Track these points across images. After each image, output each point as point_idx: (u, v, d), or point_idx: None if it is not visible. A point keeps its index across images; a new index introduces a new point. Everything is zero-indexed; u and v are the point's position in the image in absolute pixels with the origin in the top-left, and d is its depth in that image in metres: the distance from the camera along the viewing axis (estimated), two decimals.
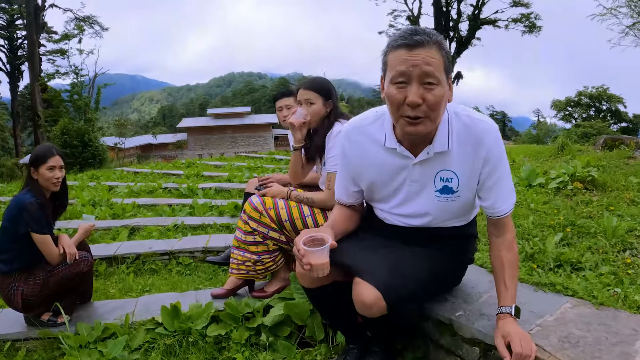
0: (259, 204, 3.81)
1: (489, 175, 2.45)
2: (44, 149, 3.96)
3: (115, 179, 14.53)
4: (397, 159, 2.52)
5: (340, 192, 2.90)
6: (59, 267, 3.80)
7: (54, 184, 3.89)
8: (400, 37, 2.18)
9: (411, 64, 2.15)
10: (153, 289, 4.90)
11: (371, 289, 2.36)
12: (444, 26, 43.60)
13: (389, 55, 2.23)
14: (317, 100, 3.84)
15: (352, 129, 2.67)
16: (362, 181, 2.73)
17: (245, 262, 3.89)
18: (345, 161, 2.75)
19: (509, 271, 2.49)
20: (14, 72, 49.36)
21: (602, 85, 62.56)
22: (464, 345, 2.70)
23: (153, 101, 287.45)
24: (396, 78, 2.20)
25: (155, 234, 6.89)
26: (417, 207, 2.62)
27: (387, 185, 2.63)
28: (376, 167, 2.60)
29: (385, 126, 2.52)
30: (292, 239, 3.86)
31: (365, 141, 2.61)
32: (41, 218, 3.74)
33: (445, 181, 2.49)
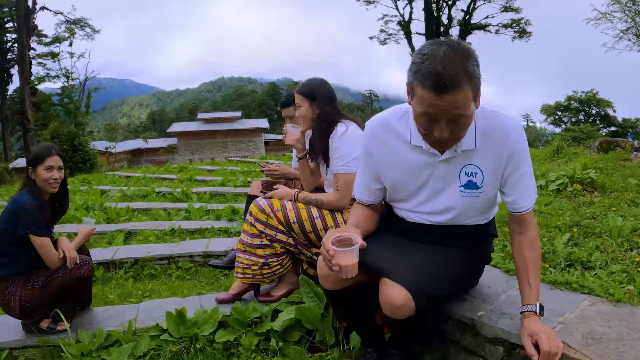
0: (267, 205, 3.73)
1: (513, 170, 2.44)
2: (42, 148, 3.83)
3: (107, 183, 14.39)
4: (423, 156, 2.48)
5: (361, 190, 2.84)
6: (58, 271, 3.66)
7: (51, 185, 3.75)
8: (428, 77, 2.04)
9: (439, 109, 2.08)
10: (153, 295, 4.78)
11: (401, 289, 2.31)
12: (435, 31, 43.65)
13: (415, 86, 2.12)
14: (303, 103, 3.85)
15: (378, 125, 2.62)
16: (386, 179, 2.68)
17: (252, 266, 3.80)
18: (369, 158, 2.70)
19: (532, 269, 2.46)
20: (3, 75, 49.05)
21: (591, 90, 62.90)
22: (487, 345, 2.68)
23: (143, 106, 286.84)
24: (423, 115, 2.16)
25: (152, 238, 6.76)
26: (441, 203, 2.59)
27: (412, 183, 2.59)
28: (401, 164, 2.56)
29: (411, 123, 2.46)
30: (300, 242, 3.81)
31: (391, 138, 2.56)
32: (40, 220, 3.61)
33: (470, 176, 2.48)
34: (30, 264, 3.67)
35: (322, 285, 2.69)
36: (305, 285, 3.63)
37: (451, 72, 2.00)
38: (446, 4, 44.33)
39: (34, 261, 3.66)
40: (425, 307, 2.36)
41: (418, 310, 2.34)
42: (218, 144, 61.19)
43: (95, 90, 31.23)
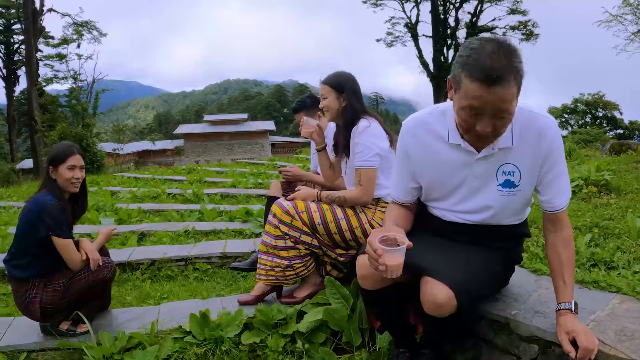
0: (291, 207, 3.69)
1: (549, 169, 2.45)
2: (63, 147, 3.77)
3: (116, 184, 14.34)
4: (461, 154, 2.47)
5: (398, 190, 2.83)
6: (80, 273, 3.61)
7: (73, 185, 3.69)
8: (476, 69, 2.04)
9: (485, 101, 2.08)
10: (171, 296, 4.73)
11: (444, 287, 2.32)
12: (442, 34, 43.62)
13: (463, 78, 2.11)
14: (329, 95, 3.80)
15: (415, 125, 2.61)
16: (423, 178, 2.68)
17: (275, 268, 3.75)
18: (406, 158, 2.69)
19: (567, 268, 2.48)
20: (10, 77, 49.14)
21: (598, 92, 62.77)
22: (522, 344, 2.68)
23: (148, 108, 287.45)
24: (468, 109, 2.15)
25: (166, 239, 6.71)
26: (478, 202, 2.60)
27: (449, 182, 2.59)
28: (439, 163, 2.55)
29: (448, 122, 2.47)
30: (324, 243, 3.78)
31: (429, 137, 2.55)
32: (63, 221, 3.55)
33: (508, 175, 2.49)
34: (52, 266, 3.61)
35: (361, 285, 2.69)
36: (331, 287, 3.60)
37: (500, 66, 2.01)
38: (453, 6, 44.24)
39: (55, 263, 3.61)
40: (467, 305, 2.38)
41: (459, 309, 2.36)
42: (224, 145, 61.23)
43: (103, 92, 31.21)
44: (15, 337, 3.72)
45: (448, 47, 44.10)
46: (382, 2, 44.48)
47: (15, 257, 3.59)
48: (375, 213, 3.75)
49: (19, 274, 3.56)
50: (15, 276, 3.58)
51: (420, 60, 44.10)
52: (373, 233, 2.37)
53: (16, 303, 3.64)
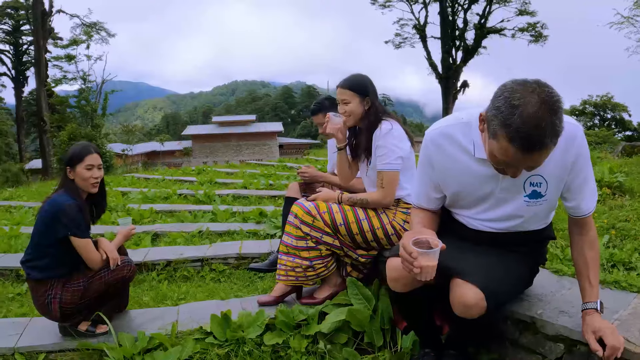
0: (313, 207, 3.69)
1: (575, 176, 2.45)
2: (80, 146, 3.72)
3: (126, 185, 14.33)
4: (487, 168, 2.44)
5: (420, 198, 2.83)
6: (100, 272, 3.59)
7: (92, 185, 3.66)
8: (517, 136, 1.97)
9: (520, 162, 2.09)
10: (189, 297, 4.70)
11: (474, 289, 2.36)
12: (450, 35, 43.53)
13: (500, 136, 2.04)
14: (352, 99, 3.74)
15: (440, 136, 2.58)
16: (448, 189, 2.67)
17: (296, 268, 3.74)
18: (429, 168, 2.68)
19: (592, 268, 2.52)
20: (18, 78, 49.41)
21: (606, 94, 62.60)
22: (547, 343, 2.71)
23: (156, 109, 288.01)
24: (502, 162, 2.15)
25: (180, 240, 6.70)
26: (504, 212, 2.59)
27: (475, 193, 2.59)
28: (464, 175, 2.54)
29: (474, 135, 2.45)
30: (345, 244, 3.77)
31: (454, 149, 2.53)
32: (81, 221, 3.52)
33: (535, 186, 2.48)
34: (70, 266, 3.59)
35: (392, 288, 2.70)
36: (353, 287, 3.61)
37: (542, 135, 1.96)
38: (461, 7, 44.13)
39: (74, 263, 3.58)
40: (495, 307, 2.42)
41: (487, 311, 2.39)
42: (232, 147, 61.22)
43: (112, 93, 31.30)
44: (33, 338, 3.69)
45: (456, 49, 44.01)
46: (390, 3, 44.44)
47: (33, 258, 3.57)
48: (397, 214, 3.75)
49: (37, 274, 3.53)
50: (34, 277, 3.55)
51: (429, 61, 44.04)
52: (406, 236, 2.38)
53: (35, 304, 3.62)
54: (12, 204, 11.32)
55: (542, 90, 1.99)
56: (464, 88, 44.34)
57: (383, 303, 3.58)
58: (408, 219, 3.74)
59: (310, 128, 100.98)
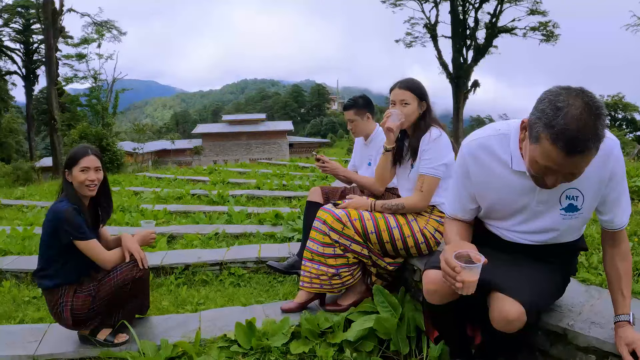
0: (344, 215, 3.62)
1: (611, 190, 2.42)
2: (77, 148, 3.66)
3: (138, 185, 14.33)
4: (525, 180, 2.40)
5: (455, 208, 2.79)
6: (109, 274, 3.52)
7: (88, 188, 3.56)
8: (561, 137, 1.95)
9: (562, 166, 2.04)
10: (208, 302, 4.64)
11: (515, 304, 2.31)
12: (461, 34, 43.40)
13: (544, 139, 2.01)
14: (412, 101, 3.69)
15: (477, 147, 2.55)
16: (484, 200, 2.64)
17: (321, 276, 3.69)
18: (466, 179, 2.64)
19: (625, 280, 2.50)
20: (29, 76, 49.55)
21: (617, 94, 62.50)
22: (578, 354, 2.66)
23: (166, 107, 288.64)
24: (543, 168, 2.11)
25: (196, 242, 6.63)
26: (540, 225, 2.56)
27: (510, 206, 2.56)
28: (501, 188, 2.51)
29: (512, 147, 2.42)
30: (374, 252, 3.72)
31: (491, 161, 2.50)
32: (81, 223, 3.44)
33: (571, 199, 2.45)
34: (80, 271, 3.55)
35: (428, 300, 2.64)
36: (380, 295, 3.58)
37: (585, 137, 1.93)
38: (472, 6, 43.97)
39: (83, 268, 3.55)
40: (535, 321, 2.44)
41: (527, 324, 2.36)
42: (242, 145, 61.40)
43: (123, 92, 31.35)
44: (52, 345, 3.65)
45: (467, 48, 43.88)
46: (401, 2, 44.35)
47: (43, 268, 3.53)
48: (429, 221, 3.71)
49: (48, 283, 3.49)
50: (45, 286, 3.52)
51: (440, 61, 43.94)
52: (446, 250, 2.34)
53: (50, 313, 3.58)
54: (25, 203, 11.28)
55: (586, 95, 1.98)
56: (474, 88, 44.25)
57: (409, 311, 3.55)
58: (440, 228, 3.71)
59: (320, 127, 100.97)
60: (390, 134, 3.74)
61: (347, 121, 4.80)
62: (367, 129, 4.74)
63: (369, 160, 4.74)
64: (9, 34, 48.40)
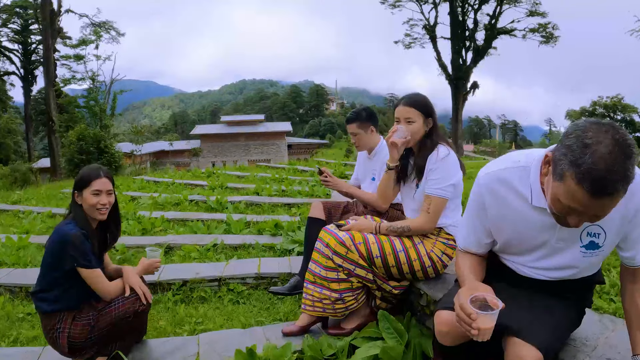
0: (347, 238, 3.48)
1: (635, 227, 2.28)
2: (89, 169, 3.52)
3: (136, 189, 14.15)
4: (545, 217, 2.26)
5: (469, 242, 2.64)
6: (111, 305, 3.39)
7: (99, 212, 3.44)
8: (588, 178, 1.81)
9: (588, 208, 1.91)
10: (206, 321, 4.51)
11: (532, 349, 2.19)
12: (460, 35, 43.34)
13: (569, 177, 1.87)
14: (417, 119, 3.52)
15: (494, 180, 2.40)
16: (500, 235, 2.50)
17: (323, 300, 3.56)
18: (482, 213, 2.49)
19: None
20: (27, 77, 49.52)
21: (616, 95, 62.49)
22: None
23: (164, 107, 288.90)
24: (566, 207, 1.97)
25: (194, 254, 6.49)
26: (558, 262, 2.43)
27: (528, 242, 2.42)
28: (519, 223, 2.37)
29: (532, 181, 2.27)
30: (379, 276, 3.58)
31: (509, 195, 2.35)
32: (87, 250, 3.31)
33: (593, 236, 2.32)
34: (81, 298, 3.40)
35: (440, 342, 2.53)
36: (385, 321, 3.46)
37: (614, 179, 1.80)
38: (472, 8, 43.94)
39: (84, 295, 3.39)
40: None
41: None
42: (241, 147, 61.29)
43: (121, 93, 31.26)
44: None
45: (467, 49, 43.83)
46: (400, 3, 44.31)
47: (42, 290, 3.38)
48: (436, 244, 3.57)
49: (46, 307, 3.35)
50: (43, 310, 3.37)
51: (439, 62, 43.93)
52: (461, 294, 2.21)
53: (45, 336, 3.44)
54: (21, 208, 11.12)
55: (616, 132, 1.84)
56: (474, 89, 44.22)
57: (415, 336, 3.44)
58: (447, 250, 3.58)
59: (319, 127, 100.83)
60: (394, 150, 3.58)
61: (349, 134, 4.67)
62: (370, 142, 4.61)
63: (373, 174, 4.61)
64: (7, 35, 48.48)
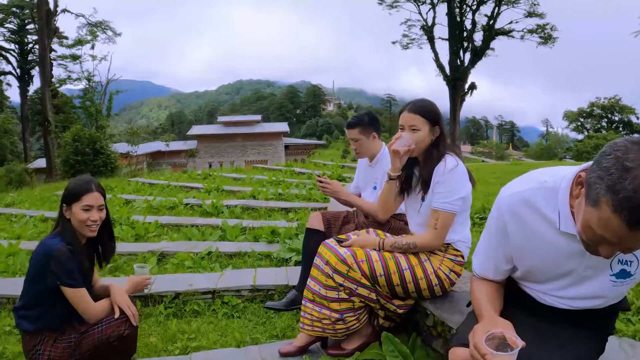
0: (349, 256, 3.23)
1: None
2: (79, 182, 3.26)
3: (130, 192, 13.93)
4: (574, 243, 2.00)
5: (486, 268, 2.39)
6: (94, 327, 3.13)
7: (89, 228, 3.19)
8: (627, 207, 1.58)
9: (622, 240, 1.68)
10: (199, 336, 4.28)
11: None
12: (458, 36, 43.16)
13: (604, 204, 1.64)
14: (423, 127, 3.26)
15: (519, 203, 2.12)
16: (522, 263, 2.25)
17: (323, 320, 3.33)
18: (502, 239, 2.23)
19: None
20: (24, 77, 49.35)
21: (614, 96, 62.61)
22: None
23: (161, 107, 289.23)
24: (599, 237, 1.74)
25: (188, 262, 6.25)
26: (585, 291, 2.17)
27: (554, 270, 2.16)
28: (544, 250, 2.11)
29: (560, 203, 2.00)
30: (383, 295, 3.34)
31: (534, 219, 2.09)
32: (72, 268, 3.05)
33: (624, 264, 2.08)
34: (64, 318, 3.16)
35: None
36: (389, 343, 3.24)
37: None
38: (470, 8, 43.73)
39: (67, 314, 3.15)
40: None
41: None
42: (238, 147, 61.25)
43: (117, 94, 31.06)
44: None
45: (464, 50, 43.63)
46: (397, 3, 44.10)
47: (24, 306, 3.16)
48: (444, 261, 3.33)
49: (27, 325, 3.12)
50: (23, 328, 3.14)
51: (437, 63, 43.69)
52: (477, 331, 1.99)
53: (25, 356, 3.20)
54: (14, 211, 10.90)
55: None
56: (471, 90, 44.00)
57: (421, 359, 3.23)
58: (455, 267, 3.35)
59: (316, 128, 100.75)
60: (396, 159, 3.33)
61: (350, 140, 4.43)
62: (372, 149, 4.38)
63: (374, 183, 4.38)
64: (3, 34, 48.33)
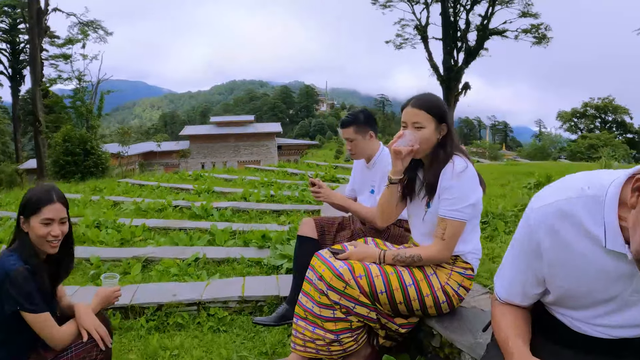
0: (346, 270, 2.86)
1: None
2: (39, 192, 2.81)
3: (119, 193, 13.60)
4: (621, 264, 1.65)
5: (513, 293, 2.01)
6: (62, 354, 2.74)
7: (50, 244, 2.77)
8: None
9: None
10: (182, 353, 3.95)
11: None
12: (452, 36, 42.95)
13: None
14: (428, 124, 2.89)
15: (555, 215, 1.73)
16: (556, 285, 1.85)
17: (316, 340, 2.98)
18: (534, 259, 1.84)
19: None
20: (15, 76, 48.97)
21: (607, 96, 62.60)
22: None
23: (154, 107, 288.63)
24: None
25: (174, 269, 5.90)
26: (630, 319, 1.77)
27: (596, 294, 1.77)
28: (585, 271, 1.73)
29: (606, 216, 1.63)
30: (383, 314, 2.97)
31: (574, 234, 1.70)
32: (32, 290, 2.63)
33: None
34: (29, 345, 2.76)
35: None
36: None
37: None
38: (464, 8, 43.58)
39: (32, 341, 2.75)
40: None
41: None
42: (231, 147, 60.92)
43: (108, 93, 30.68)
44: None
45: (458, 50, 43.44)
46: (391, 3, 43.88)
47: None
48: (452, 275, 2.96)
49: None
50: None
51: (430, 63, 43.49)
52: None
53: None
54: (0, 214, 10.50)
55: None
56: (465, 90, 43.80)
57: None
58: (465, 282, 2.99)
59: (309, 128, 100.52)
60: (397, 160, 2.93)
61: (344, 140, 4.07)
62: (369, 149, 4.01)
63: (372, 186, 4.02)
64: None
